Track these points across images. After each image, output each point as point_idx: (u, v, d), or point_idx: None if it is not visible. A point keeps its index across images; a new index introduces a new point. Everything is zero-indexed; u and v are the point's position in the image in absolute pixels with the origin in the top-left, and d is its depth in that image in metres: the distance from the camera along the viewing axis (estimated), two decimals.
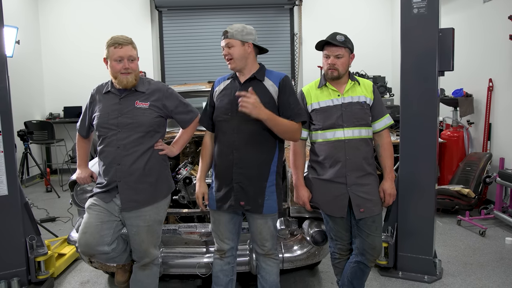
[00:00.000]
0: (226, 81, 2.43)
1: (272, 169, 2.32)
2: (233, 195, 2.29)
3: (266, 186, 2.30)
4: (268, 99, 2.28)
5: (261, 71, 2.36)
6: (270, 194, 2.31)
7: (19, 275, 2.99)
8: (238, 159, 2.27)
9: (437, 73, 3.08)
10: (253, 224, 2.38)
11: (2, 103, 2.94)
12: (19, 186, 3.03)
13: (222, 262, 2.47)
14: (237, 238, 2.49)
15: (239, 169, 2.27)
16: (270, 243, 2.40)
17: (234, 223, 2.43)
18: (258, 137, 2.28)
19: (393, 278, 3.26)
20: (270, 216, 2.36)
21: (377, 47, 7.64)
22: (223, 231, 2.41)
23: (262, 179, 2.30)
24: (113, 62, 2.31)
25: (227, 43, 2.27)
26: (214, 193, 2.37)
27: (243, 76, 2.35)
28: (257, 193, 2.29)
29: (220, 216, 2.39)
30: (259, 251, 2.43)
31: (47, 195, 6.27)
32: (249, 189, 2.28)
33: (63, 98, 7.68)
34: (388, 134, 2.53)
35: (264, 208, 2.30)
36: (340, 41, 2.38)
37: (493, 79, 5.00)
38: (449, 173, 5.35)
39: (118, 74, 2.32)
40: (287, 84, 2.34)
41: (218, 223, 2.42)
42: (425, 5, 3.03)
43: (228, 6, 7.80)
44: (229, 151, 2.29)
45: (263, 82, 2.32)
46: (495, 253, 3.72)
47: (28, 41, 7.19)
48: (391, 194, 2.49)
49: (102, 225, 2.31)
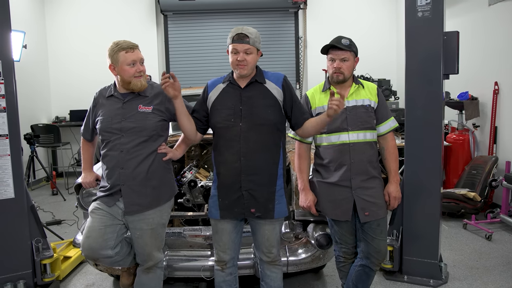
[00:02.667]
0: (221, 85, 2.33)
1: (279, 172, 2.30)
2: (243, 202, 2.25)
3: (276, 190, 2.28)
4: (272, 102, 2.27)
5: (260, 73, 2.31)
6: (280, 198, 2.30)
7: (25, 277, 3.00)
8: (246, 166, 2.22)
9: (442, 76, 3.08)
10: (259, 231, 2.34)
11: (9, 106, 2.96)
12: (25, 189, 3.05)
13: (224, 273, 2.43)
14: (238, 248, 2.46)
15: (248, 176, 2.23)
16: (276, 249, 2.38)
17: (237, 232, 2.39)
18: (265, 141, 2.25)
19: (398, 282, 3.25)
20: (278, 221, 2.34)
21: (382, 50, 7.62)
22: (226, 241, 2.37)
23: (272, 184, 2.28)
24: (126, 66, 2.29)
25: (247, 49, 2.18)
26: (217, 202, 2.32)
27: (242, 80, 2.28)
28: (267, 199, 2.26)
29: (224, 225, 2.34)
30: (265, 259, 2.40)
31: (53, 198, 6.30)
32: (259, 195, 2.24)
33: (69, 101, 7.72)
34: (392, 137, 2.53)
35: (275, 212, 2.27)
36: (345, 44, 2.39)
37: (498, 82, 4.98)
38: (454, 176, 5.32)
39: (132, 78, 2.31)
40: (289, 84, 2.34)
41: (222, 233, 2.36)
42: (430, 8, 3.03)
43: (233, 10, 7.81)
44: (235, 158, 2.23)
45: (264, 85, 2.29)
46: (501, 257, 3.69)
47: (35, 45, 7.25)
48: (396, 197, 2.49)
49: (105, 229, 2.32)
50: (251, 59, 2.20)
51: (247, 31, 2.20)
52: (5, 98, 2.94)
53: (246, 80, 2.28)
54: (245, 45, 2.18)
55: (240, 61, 2.18)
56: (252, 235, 2.42)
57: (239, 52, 2.18)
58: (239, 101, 2.26)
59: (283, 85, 2.30)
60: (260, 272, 2.48)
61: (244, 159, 2.22)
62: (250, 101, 2.25)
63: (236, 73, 2.27)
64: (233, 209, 2.28)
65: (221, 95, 2.31)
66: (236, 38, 2.19)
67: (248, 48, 2.18)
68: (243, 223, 2.42)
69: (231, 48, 2.22)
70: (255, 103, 2.25)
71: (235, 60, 2.19)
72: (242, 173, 2.23)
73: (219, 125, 2.29)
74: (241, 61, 2.18)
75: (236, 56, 2.19)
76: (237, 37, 2.19)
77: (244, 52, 2.18)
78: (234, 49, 2.20)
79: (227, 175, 2.27)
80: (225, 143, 2.27)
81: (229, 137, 2.25)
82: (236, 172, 2.24)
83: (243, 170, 2.23)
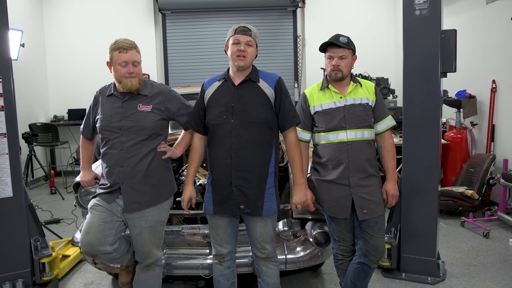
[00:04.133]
0: (216, 83, 2.38)
1: (270, 170, 2.32)
2: (233, 198, 2.28)
3: (266, 188, 2.30)
4: (264, 101, 2.29)
5: (255, 72, 2.34)
6: (270, 195, 2.31)
7: (24, 276, 3.01)
8: (237, 163, 2.25)
9: (439, 74, 3.09)
10: (252, 228, 2.36)
11: (7, 105, 2.95)
12: (23, 188, 3.05)
13: (222, 267, 2.46)
14: (235, 242, 2.48)
15: (238, 173, 2.25)
16: (270, 246, 2.39)
17: (233, 227, 2.42)
18: (256, 139, 2.27)
19: (396, 279, 3.26)
20: (270, 218, 2.35)
21: (380, 49, 7.64)
22: (222, 235, 2.40)
23: (262, 181, 2.29)
24: (118, 66, 2.32)
25: (249, 41, 2.25)
26: (211, 197, 2.35)
27: (237, 78, 2.32)
28: (257, 196, 2.28)
29: (218, 220, 2.38)
30: (259, 255, 2.41)
31: (51, 197, 6.30)
32: (248, 192, 2.26)
33: (67, 100, 7.72)
34: (390, 135, 2.54)
35: (264, 210, 2.29)
36: (343, 42, 2.40)
37: (496, 80, 4.99)
38: (452, 174, 5.33)
39: (122, 78, 2.33)
40: (282, 86, 2.35)
41: (217, 227, 2.40)
42: (427, 6, 3.04)
43: (231, 8, 7.82)
44: (226, 154, 2.26)
45: (258, 84, 2.31)
46: (499, 254, 3.71)
47: (32, 44, 7.25)
48: (394, 195, 2.50)
49: (104, 225, 2.33)
50: (251, 52, 2.27)
51: (249, 26, 2.30)
52: (3, 97, 2.93)
53: (241, 78, 2.31)
54: (247, 37, 2.25)
55: (241, 51, 2.23)
56: (247, 231, 2.44)
57: (241, 43, 2.24)
58: (231, 98, 2.29)
59: (276, 86, 2.33)
60: (257, 268, 2.49)
61: (235, 155, 2.25)
62: (243, 98, 2.28)
63: (234, 66, 2.30)
64: (224, 205, 2.31)
65: (215, 92, 2.35)
66: (239, 30, 2.26)
67: (250, 40, 2.25)
68: (237, 218, 2.44)
69: (232, 40, 2.26)
70: (247, 101, 2.27)
71: (236, 50, 2.24)
72: (232, 169, 2.26)
73: (212, 122, 2.32)
74: (242, 51, 2.23)
75: (237, 46, 2.24)
76: (240, 29, 2.26)
77: (245, 43, 2.24)
78: (236, 40, 2.25)
79: (219, 170, 2.30)
80: (218, 139, 2.31)
81: (221, 134, 2.28)
82: (227, 168, 2.27)
83: (233, 166, 2.25)
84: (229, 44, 2.29)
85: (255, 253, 2.45)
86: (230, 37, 2.29)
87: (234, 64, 2.27)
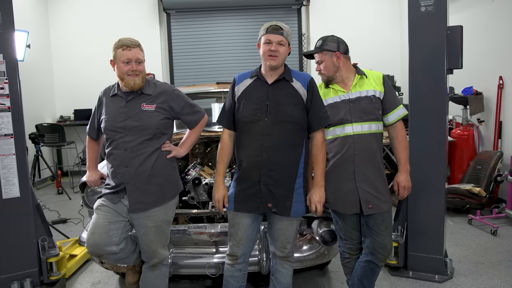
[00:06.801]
0: (248, 80, 2.33)
1: (299, 171, 2.28)
2: (260, 197, 2.24)
3: (294, 188, 2.27)
4: (298, 100, 2.26)
5: (288, 72, 2.31)
6: (298, 196, 2.28)
7: (32, 276, 3.03)
8: (267, 161, 2.22)
9: (445, 71, 3.06)
10: (276, 225, 2.33)
11: (14, 106, 2.97)
12: (31, 188, 3.07)
13: (234, 269, 2.42)
14: (252, 246, 2.44)
15: (267, 171, 2.22)
16: (290, 246, 2.38)
17: (253, 228, 2.37)
18: (288, 139, 2.24)
19: (403, 277, 3.25)
20: (296, 219, 2.33)
21: (386, 46, 7.59)
22: (241, 235, 2.35)
23: (291, 181, 2.26)
24: (121, 63, 2.33)
25: (281, 40, 2.20)
26: (234, 194, 2.32)
27: (270, 76, 2.28)
28: (285, 196, 2.25)
29: (241, 219, 2.33)
30: (278, 254, 2.39)
31: (58, 197, 6.34)
32: (277, 191, 2.24)
33: (74, 101, 7.76)
34: (402, 125, 2.48)
35: (292, 210, 2.26)
36: (317, 46, 2.44)
37: (503, 76, 4.95)
38: (459, 172, 5.30)
39: (125, 76, 2.34)
40: (314, 87, 2.32)
41: (238, 227, 2.35)
42: (433, 3, 3.02)
43: (236, 7, 7.81)
44: (257, 153, 2.23)
45: (291, 83, 2.28)
46: (507, 252, 3.68)
47: (38, 45, 7.28)
48: (406, 186, 2.46)
49: (110, 225, 2.33)
50: (283, 51, 2.23)
51: (281, 24, 2.24)
52: (10, 97, 2.95)
53: (274, 77, 2.28)
54: (279, 36, 2.20)
55: (273, 51, 2.20)
56: (268, 229, 2.42)
57: (273, 42, 2.20)
58: (265, 96, 2.25)
59: (308, 86, 2.29)
60: (272, 266, 2.48)
61: (265, 154, 2.22)
62: (277, 98, 2.25)
63: (266, 65, 2.27)
64: (247, 203, 2.27)
65: (248, 89, 2.31)
66: (270, 29, 2.22)
67: (281, 39, 2.21)
68: (261, 219, 2.41)
69: (264, 39, 2.23)
70: (281, 100, 2.24)
71: (267, 50, 2.21)
72: (262, 168, 2.23)
73: (244, 119, 2.28)
74: (274, 51, 2.20)
75: (268, 46, 2.20)
76: (272, 28, 2.22)
77: (277, 43, 2.20)
78: (267, 40, 2.21)
79: (249, 167, 2.26)
80: (249, 138, 2.27)
81: (253, 132, 2.25)
82: (257, 166, 2.23)
83: (264, 165, 2.22)
84: (261, 42, 2.26)
85: (273, 252, 2.43)
86: (261, 36, 2.25)
87: (266, 63, 2.25)
